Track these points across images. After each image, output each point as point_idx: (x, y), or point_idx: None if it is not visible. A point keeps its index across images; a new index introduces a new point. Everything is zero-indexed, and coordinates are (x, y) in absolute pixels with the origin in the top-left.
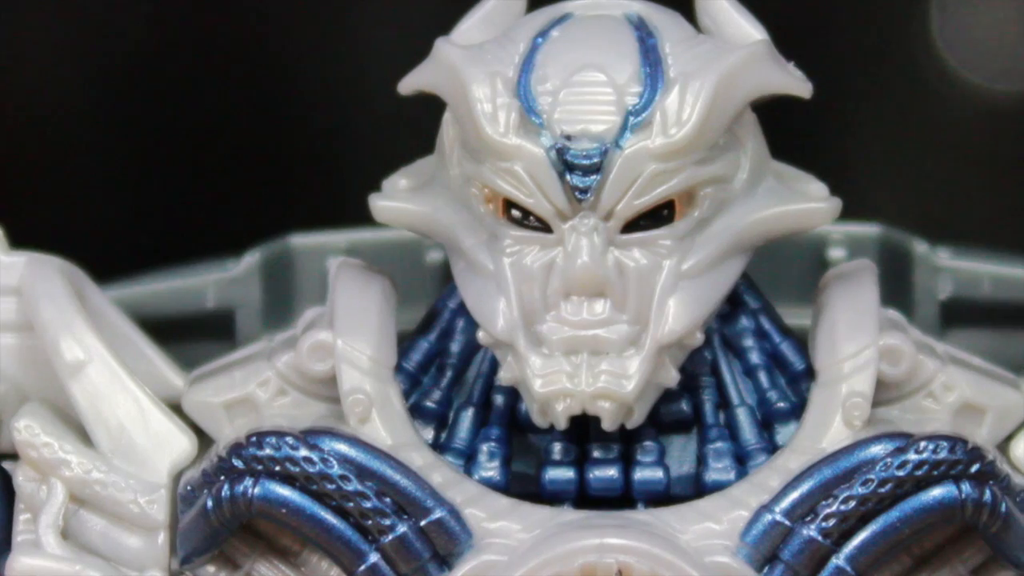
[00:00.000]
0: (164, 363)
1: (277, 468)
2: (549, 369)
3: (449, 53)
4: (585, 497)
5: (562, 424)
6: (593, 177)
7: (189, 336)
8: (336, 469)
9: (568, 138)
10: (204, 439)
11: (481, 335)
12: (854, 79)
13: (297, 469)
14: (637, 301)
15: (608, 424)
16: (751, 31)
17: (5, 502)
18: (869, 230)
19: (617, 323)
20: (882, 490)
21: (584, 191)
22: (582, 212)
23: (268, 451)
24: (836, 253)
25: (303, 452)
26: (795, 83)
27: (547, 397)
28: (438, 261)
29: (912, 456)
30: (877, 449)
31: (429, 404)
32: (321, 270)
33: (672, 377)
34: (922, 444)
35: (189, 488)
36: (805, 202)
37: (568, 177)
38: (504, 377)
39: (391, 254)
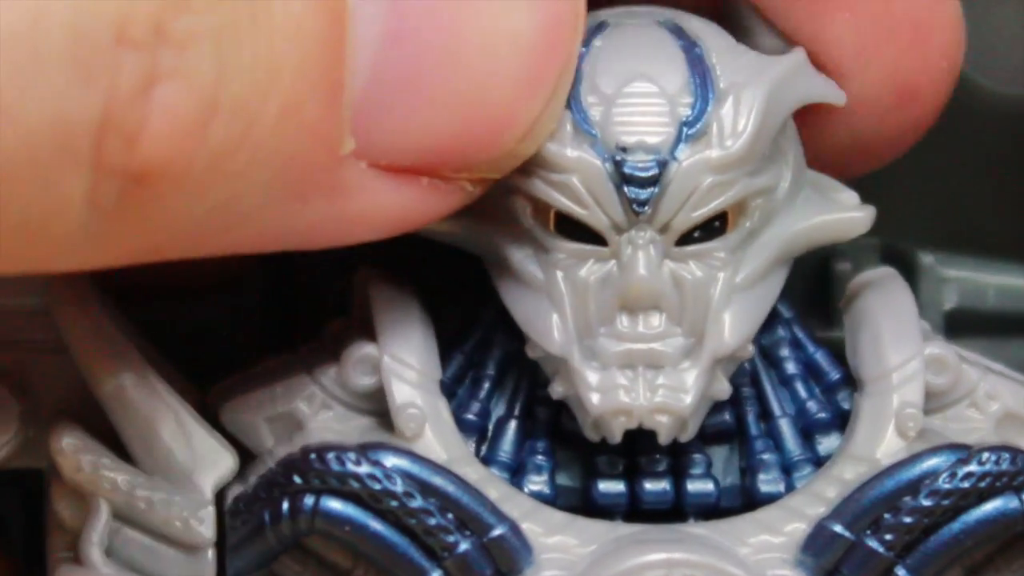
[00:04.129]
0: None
1: (339, 484)
2: (606, 384)
3: None
4: (634, 510)
5: (617, 439)
6: (651, 189)
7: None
8: (400, 486)
9: (624, 150)
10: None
11: (530, 349)
12: None
13: (359, 486)
14: (692, 314)
15: (664, 438)
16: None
17: (25, 514)
18: (873, 241)
19: (672, 336)
20: (946, 502)
21: (642, 204)
22: (638, 225)
23: (329, 467)
24: (841, 265)
25: (365, 468)
26: (833, 91)
27: (605, 413)
28: (434, 277)
29: (975, 468)
30: (938, 461)
31: (470, 417)
32: (316, 286)
33: (725, 390)
34: (984, 456)
35: (241, 504)
36: (842, 211)
37: (625, 189)
38: (555, 392)
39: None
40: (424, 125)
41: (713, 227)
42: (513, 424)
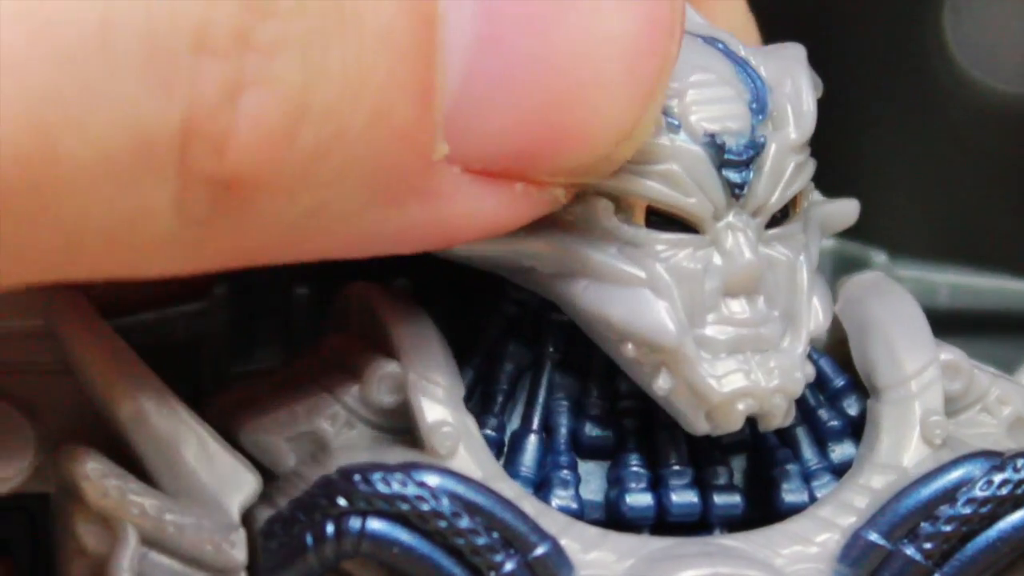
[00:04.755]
0: None
1: (386, 506)
2: (725, 370)
3: None
4: (659, 522)
5: (738, 426)
6: (746, 172)
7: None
8: (447, 506)
9: (712, 136)
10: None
11: (630, 349)
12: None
13: (408, 507)
14: (786, 295)
15: (780, 421)
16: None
17: (30, 542)
18: (824, 243)
19: (772, 320)
20: (983, 510)
21: (740, 186)
22: (735, 209)
23: (375, 488)
24: None
25: (412, 489)
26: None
27: (728, 398)
28: (402, 287)
29: (1010, 475)
30: (972, 468)
31: (488, 432)
32: (282, 298)
33: (812, 373)
34: (1020, 462)
35: (277, 527)
36: (834, 201)
37: (725, 173)
38: (662, 387)
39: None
40: (516, 128)
41: (785, 211)
42: (533, 438)
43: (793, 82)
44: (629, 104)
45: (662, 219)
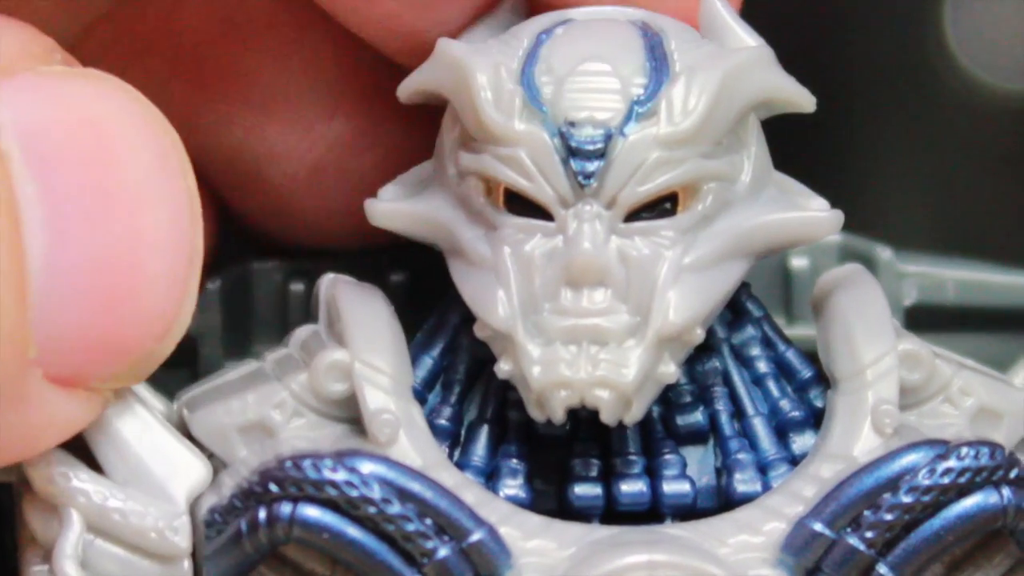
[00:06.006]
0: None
1: (316, 492)
2: (548, 358)
3: (452, 48)
4: (610, 512)
5: (558, 416)
6: (597, 163)
7: None
8: (377, 492)
9: (572, 124)
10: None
11: (478, 328)
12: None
13: (336, 492)
14: (638, 291)
15: (606, 416)
16: (751, 42)
17: None
18: (830, 238)
19: (617, 313)
20: (926, 498)
21: (587, 176)
22: (585, 199)
23: (305, 474)
24: (799, 262)
25: (342, 475)
26: (800, 92)
27: (545, 386)
28: (400, 281)
29: (954, 463)
30: (917, 457)
31: (442, 422)
32: (277, 293)
33: (671, 373)
34: (964, 450)
35: (216, 514)
36: (806, 211)
37: (571, 162)
38: (502, 370)
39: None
40: (72, 332)
41: (663, 208)
42: (485, 428)
43: (696, 80)
44: (169, 298)
45: (522, 202)
